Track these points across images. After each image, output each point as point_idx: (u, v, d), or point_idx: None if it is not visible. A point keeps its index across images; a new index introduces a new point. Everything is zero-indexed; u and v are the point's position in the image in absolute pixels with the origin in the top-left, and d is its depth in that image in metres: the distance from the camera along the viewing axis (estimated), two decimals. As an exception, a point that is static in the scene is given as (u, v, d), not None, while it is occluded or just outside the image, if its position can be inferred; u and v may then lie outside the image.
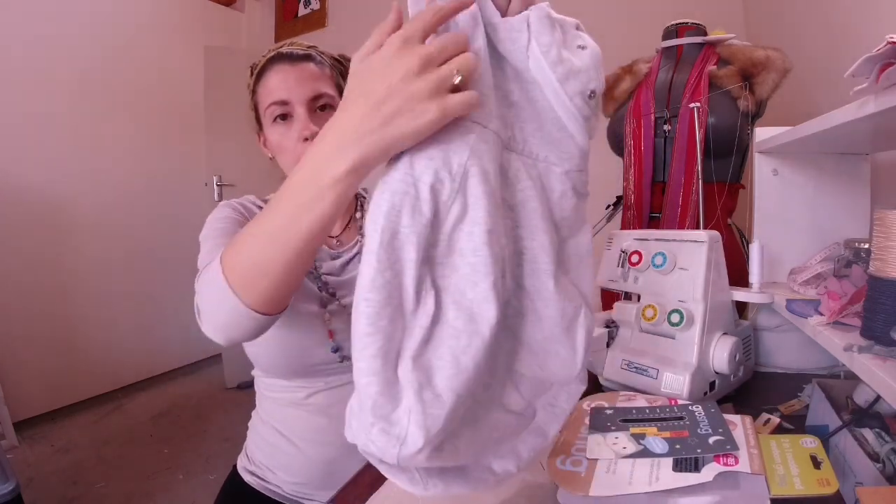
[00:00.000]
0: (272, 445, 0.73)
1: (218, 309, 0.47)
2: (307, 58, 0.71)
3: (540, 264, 0.41)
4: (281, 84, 0.69)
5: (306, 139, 0.67)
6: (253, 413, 0.79)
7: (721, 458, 0.43)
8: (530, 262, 0.41)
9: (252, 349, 0.69)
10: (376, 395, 0.32)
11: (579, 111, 0.41)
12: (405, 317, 0.34)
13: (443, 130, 0.35)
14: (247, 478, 0.74)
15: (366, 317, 0.33)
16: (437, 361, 0.33)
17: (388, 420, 0.32)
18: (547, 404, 0.42)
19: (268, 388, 0.74)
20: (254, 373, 0.76)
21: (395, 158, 0.36)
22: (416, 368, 0.33)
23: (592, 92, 0.41)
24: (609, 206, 1.55)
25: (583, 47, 0.41)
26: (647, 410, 0.54)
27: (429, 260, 0.35)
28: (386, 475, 0.35)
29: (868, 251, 0.60)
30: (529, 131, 0.42)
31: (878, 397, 0.54)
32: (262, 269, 0.42)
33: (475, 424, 0.37)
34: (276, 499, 0.72)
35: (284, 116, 0.70)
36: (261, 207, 0.73)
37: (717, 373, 0.68)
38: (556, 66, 0.39)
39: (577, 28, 0.43)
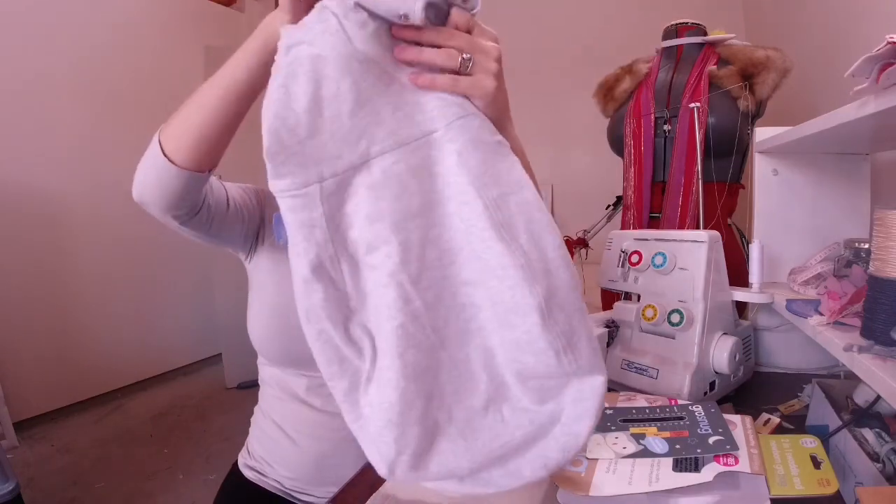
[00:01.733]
0: (271, 439, 0.73)
1: (146, 165, 0.51)
2: None
3: (471, 246, 0.39)
4: None
5: None
6: (256, 408, 0.79)
7: (721, 458, 0.43)
8: (459, 253, 0.40)
9: (255, 333, 0.70)
10: (357, 433, 0.39)
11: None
12: (354, 364, 0.39)
13: (290, 216, 0.38)
14: (247, 473, 0.75)
15: (324, 375, 0.39)
16: (374, 399, 0.38)
17: (369, 453, 0.39)
18: (574, 401, 0.40)
19: (270, 381, 0.74)
20: (259, 362, 0.77)
21: None
22: (363, 406, 0.39)
23: (403, 16, 0.37)
24: (609, 206, 1.55)
25: None
26: (647, 410, 0.54)
27: (352, 312, 0.39)
28: None
29: (868, 251, 0.60)
30: (388, 118, 0.39)
31: (878, 397, 0.54)
32: (185, 127, 0.48)
33: (470, 435, 0.39)
34: (276, 493, 0.72)
35: None
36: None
37: (717, 373, 0.68)
38: (367, 26, 0.37)
39: None
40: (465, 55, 0.40)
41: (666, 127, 1.12)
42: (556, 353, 0.38)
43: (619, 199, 1.47)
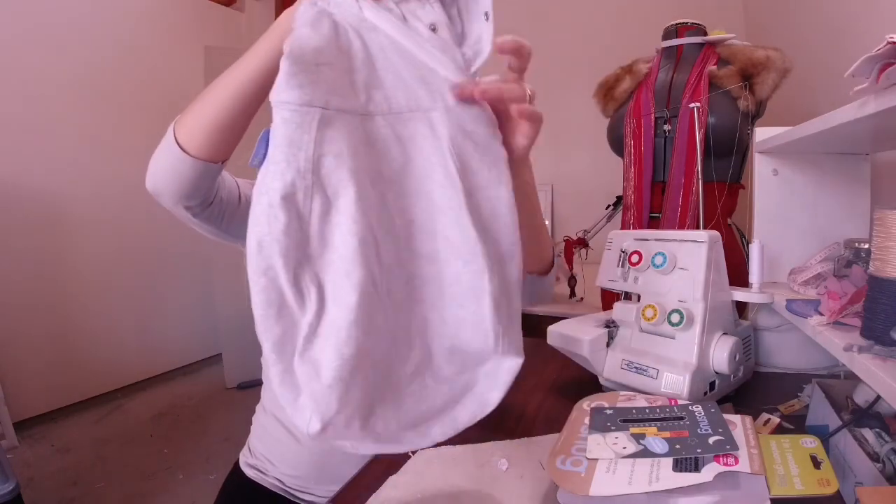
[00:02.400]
0: (273, 436, 0.73)
1: (160, 156, 0.52)
2: None
3: (437, 224, 0.41)
4: None
5: None
6: (258, 406, 0.79)
7: (721, 458, 0.43)
8: (422, 227, 0.41)
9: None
10: (279, 386, 0.36)
11: (429, 41, 0.40)
12: (293, 314, 0.37)
13: (282, 129, 0.37)
14: (248, 472, 0.75)
15: (257, 317, 0.36)
16: (321, 355, 0.36)
17: (294, 406, 0.36)
18: (486, 374, 0.42)
19: None
20: (263, 359, 0.77)
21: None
22: (304, 363, 0.37)
23: (432, 24, 0.41)
24: (609, 206, 1.55)
25: None
26: (647, 410, 0.54)
27: (307, 258, 0.37)
28: None
29: (868, 251, 0.60)
30: (389, 85, 0.40)
31: (878, 397, 0.54)
32: (199, 118, 0.49)
33: (397, 399, 0.40)
34: (277, 492, 0.72)
35: None
36: None
37: (717, 373, 0.68)
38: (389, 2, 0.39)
39: None
40: (530, 90, 0.46)
41: (666, 127, 1.12)
42: (495, 336, 0.41)
43: (619, 199, 1.48)
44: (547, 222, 2.49)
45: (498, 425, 0.70)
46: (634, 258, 0.74)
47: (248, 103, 0.48)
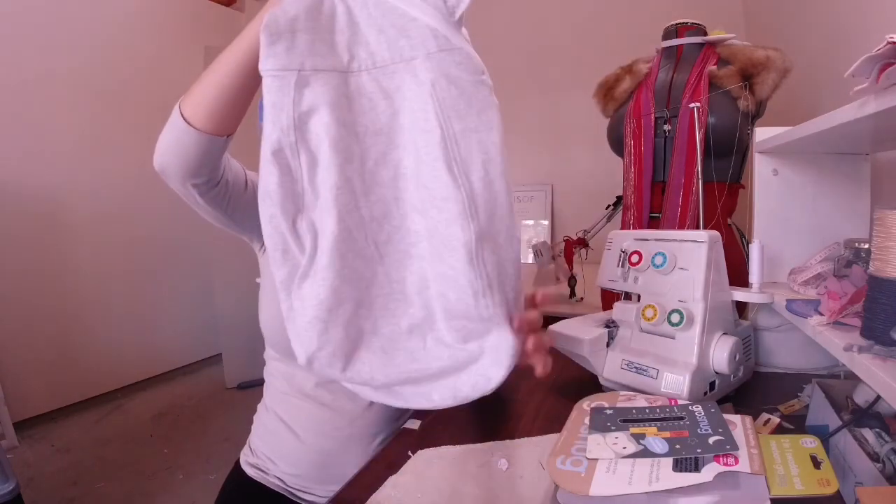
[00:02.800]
0: (274, 434, 0.73)
1: (166, 133, 0.53)
2: None
3: (421, 175, 0.41)
4: None
5: None
6: (259, 405, 0.79)
7: (721, 458, 0.43)
8: (411, 178, 0.42)
9: (266, 323, 0.70)
10: (287, 321, 0.42)
11: None
12: (296, 256, 0.42)
13: (266, 95, 0.40)
14: (249, 471, 0.75)
15: (270, 259, 0.41)
16: (307, 293, 0.41)
17: (293, 339, 0.42)
18: (491, 348, 0.42)
19: (277, 375, 0.74)
20: (266, 356, 0.77)
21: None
22: (296, 299, 0.41)
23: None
24: (609, 206, 1.55)
25: None
26: (647, 410, 0.54)
27: (304, 208, 0.41)
28: None
29: (868, 251, 0.60)
30: (373, 41, 0.42)
31: (878, 397, 0.54)
32: (202, 93, 0.50)
33: (389, 351, 0.42)
34: (278, 491, 0.72)
35: None
36: None
37: (717, 373, 0.68)
38: None
39: None
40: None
41: (666, 127, 1.12)
42: (474, 293, 0.40)
43: (619, 199, 1.47)
44: (547, 222, 2.49)
45: (498, 425, 0.70)
46: (634, 258, 0.74)
47: (246, 77, 0.49)
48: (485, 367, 0.42)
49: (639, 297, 0.75)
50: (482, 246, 0.40)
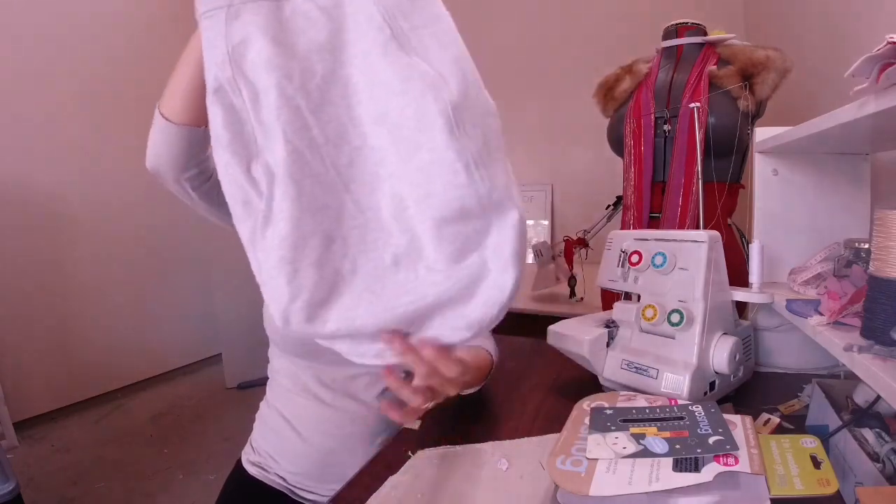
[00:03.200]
0: (276, 432, 0.73)
1: (152, 135, 0.54)
2: None
3: (375, 80, 0.38)
4: None
5: None
6: (262, 403, 0.79)
7: (721, 458, 0.43)
8: (364, 91, 0.39)
9: (270, 320, 0.70)
10: (261, 285, 0.39)
11: None
12: (256, 206, 0.39)
13: (203, 39, 0.40)
14: (250, 469, 0.75)
15: (233, 216, 0.39)
16: (270, 233, 0.38)
17: (266, 294, 0.39)
18: (494, 254, 0.38)
19: (280, 372, 0.74)
20: (270, 353, 0.77)
21: None
22: (258, 250, 0.38)
23: None
24: (609, 206, 1.55)
25: None
26: (647, 410, 0.54)
27: (257, 150, 0.39)
28: None
29: (868, 251, 0.60)
30: None
31: (878, 397, 0.54)
32: (173, 90, 0.51)
33: (374, 290, 0.39)
34: (279, 489, 0.72)
35: None
36: None
37: (717, 373, 0.68)
38: None
39: None
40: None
41: (666, 127, 1.12)
42: (465, 165, 0.36)
43: (619, 199, 1.47)
44: (547, 222, 2.49)
45: (498, 425, 0.70)
46: (634, 258, 0.74)
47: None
48: (493, 279, 0.38)
49: (639, 297, 0.75)
50: (461, 116, 0.36)
